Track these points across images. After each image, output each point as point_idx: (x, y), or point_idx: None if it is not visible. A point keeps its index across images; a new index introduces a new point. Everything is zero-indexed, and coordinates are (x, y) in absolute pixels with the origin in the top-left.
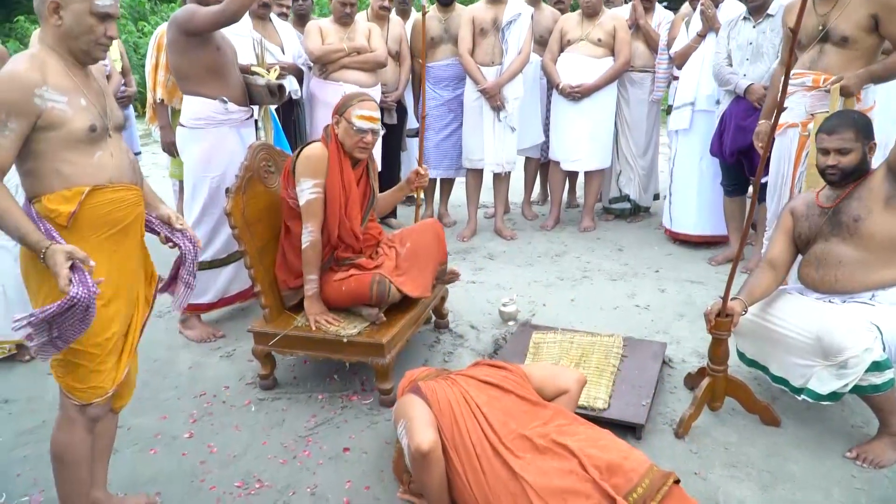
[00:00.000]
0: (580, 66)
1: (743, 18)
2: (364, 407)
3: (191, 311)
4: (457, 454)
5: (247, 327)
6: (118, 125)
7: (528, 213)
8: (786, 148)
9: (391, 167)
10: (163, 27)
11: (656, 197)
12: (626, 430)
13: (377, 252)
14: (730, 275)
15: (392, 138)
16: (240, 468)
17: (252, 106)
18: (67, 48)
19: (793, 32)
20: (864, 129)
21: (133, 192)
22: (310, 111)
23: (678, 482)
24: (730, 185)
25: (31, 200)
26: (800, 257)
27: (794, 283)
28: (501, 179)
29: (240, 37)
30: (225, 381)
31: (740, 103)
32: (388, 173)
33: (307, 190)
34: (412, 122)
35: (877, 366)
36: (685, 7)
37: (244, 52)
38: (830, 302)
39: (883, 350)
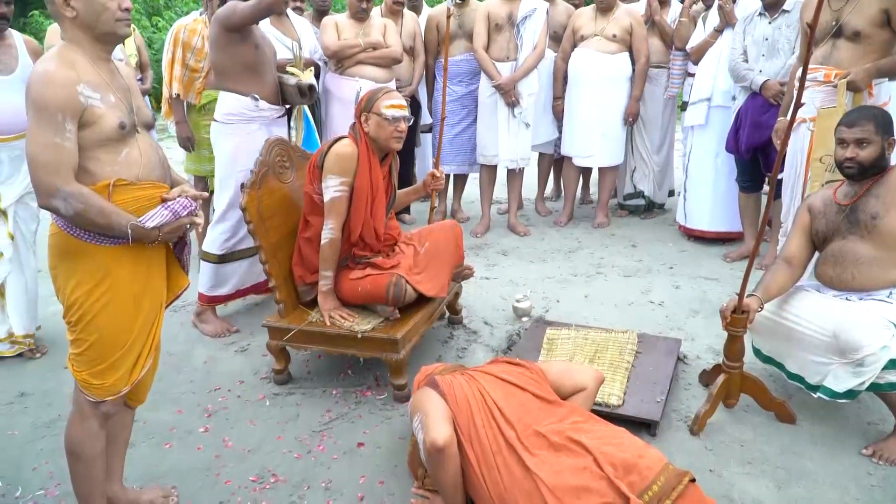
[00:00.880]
0: (594, 62)
1: (758, 14)
2: (378, 402)
3: (208, 304)
4: (472, 449)
5: (261, 322)
6: (146, 122)
7: (542, 210)
8: (799, 143)
9: (405, 163)
10: (181, 22)
11: (671, 193)
12: (641, 427)
13: (394, 250)
14: (746, 271)
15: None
16: (255, 462)
17: (286, 105)
18: (92, 37)
19: (810, 28)
20: (885, 125)
21: (161, 190)
22: (325, 106)
23: (693, 481)
24: (745, 182)
25: None
26: (816, 254)
27: (809, 280)
28: (515, 175)
29: (277, 39)
30: (240, 376)
31: (756, 99)
32: (402, 168)
33: (332, 187)
34: (426, 118)
35: (894, 363)
36: (697, 6)
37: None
38: (847, 300)
39: None
